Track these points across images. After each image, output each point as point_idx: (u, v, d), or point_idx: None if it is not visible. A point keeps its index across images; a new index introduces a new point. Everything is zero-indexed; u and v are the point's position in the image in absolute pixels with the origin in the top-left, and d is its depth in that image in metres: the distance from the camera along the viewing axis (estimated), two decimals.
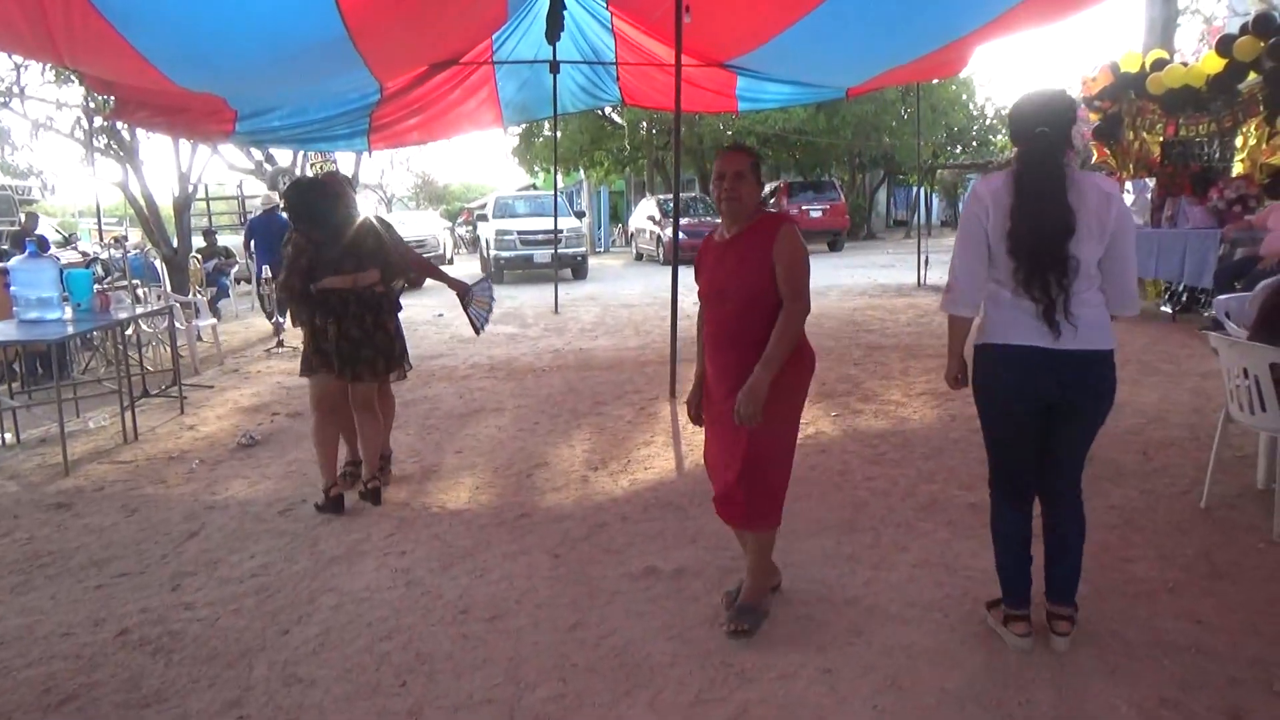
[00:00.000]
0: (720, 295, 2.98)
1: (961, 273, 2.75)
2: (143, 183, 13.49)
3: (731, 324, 2.95)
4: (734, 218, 2.97)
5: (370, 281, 4.44)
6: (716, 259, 3.03)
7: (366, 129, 8.51)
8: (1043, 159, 2.63)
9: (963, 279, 2.76)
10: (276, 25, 5.20)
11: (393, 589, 3.54)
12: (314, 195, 4.45)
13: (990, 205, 2.68)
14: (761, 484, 2.95)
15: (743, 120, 23.37)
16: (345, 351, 4.38)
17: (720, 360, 3.01)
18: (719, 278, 2.99)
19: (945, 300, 2.82)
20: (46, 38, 4.73)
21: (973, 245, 2.72)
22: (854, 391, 6.54)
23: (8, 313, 6.34)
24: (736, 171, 2.92)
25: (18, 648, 3.18)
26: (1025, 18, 6.16)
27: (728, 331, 2.96)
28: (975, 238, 2.71)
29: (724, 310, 2.96)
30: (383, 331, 4.52)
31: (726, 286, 2.95)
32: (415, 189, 45.03)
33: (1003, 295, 2.72)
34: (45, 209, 22.45)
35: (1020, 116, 2.71)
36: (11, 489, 5.12)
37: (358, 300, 4.41)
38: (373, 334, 4.46)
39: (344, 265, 4.35)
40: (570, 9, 7.90)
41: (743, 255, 2.93)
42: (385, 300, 4.57)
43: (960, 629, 3.00)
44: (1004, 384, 2.76)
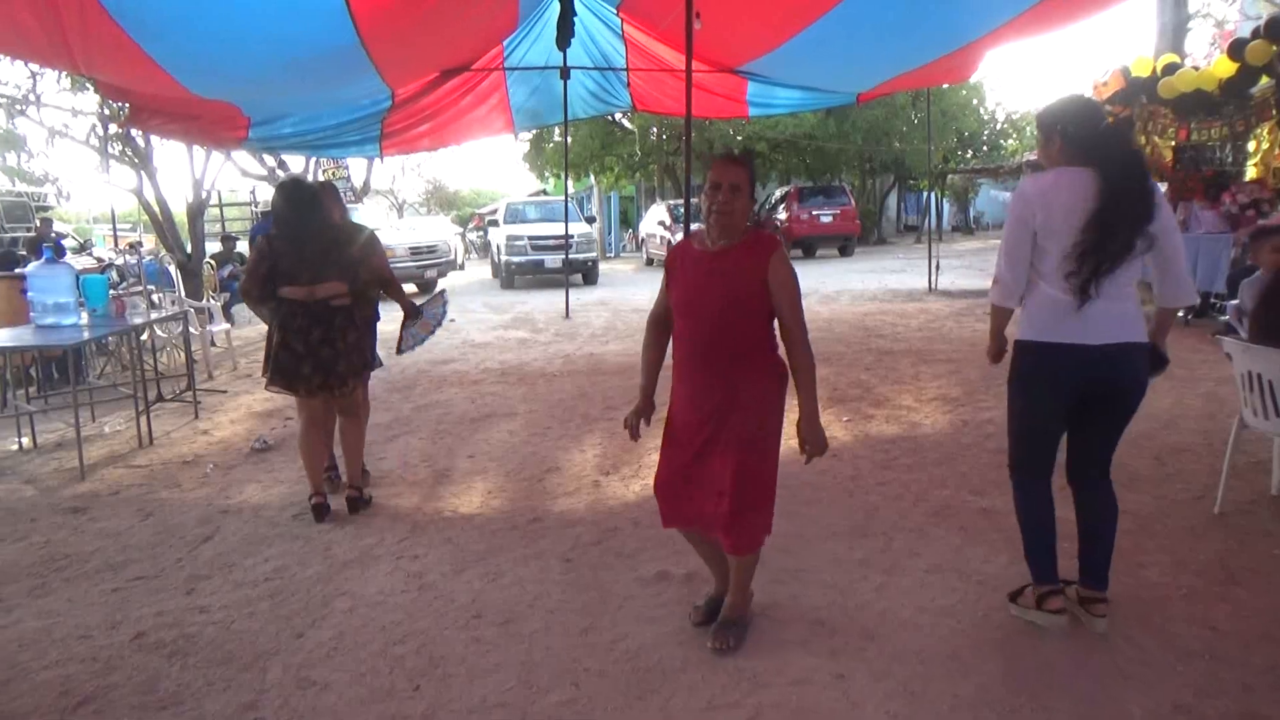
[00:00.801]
0: (702, 308, 2.83)
1: (1010, 268, 2.90)
2: (157, 189, 13.58)
3: (712, 338, 2.82)
4: (726, 232, 2.82)
5: (329, 294, 4.24)
6: (705, 271, 2.85)
7: (378, 135, 8.55)
8: (1122, 155, 2.81)
9: (1011, 274, 2.91)
10: (290, 32, 5.24)
11: (406, 593, 3.55)
12: (283, 198, 4.35)
13: (1039, 206, 2.81)
14: (754, 507, 2.88)
15: (753, 125, 23.37)
16: (284, 363, 4.25)
17: (697, 379, 2.88)
18: (703, 290, 2.83)
19: (995, 293, 2.98)
20: (62, 45, 4.78)
21: (1021, 243, 2.86)
22: (865, 396, 6.54)
23: (24, 318, 6.40)
24: (733, 184, 2.79)
25: (35, 650, 3.21)
26: (1036, 22, 6.15)
27: (706, 346, 2.84)
28: (1022, 236, 2.86)
29: (704, 324, 2.83)
30: (329, 347, 4.25)
31: (710, 303, 2.81)
32: (426, 195, 45.22)
33: (1047, 291, 2.85)
34: (61, 215, 22.63)
35: (1083, 120, 2.87)
36: (28, 493, 5.16)
37: (305, 313, 4.23)
38: (317, 348, 4.23)
39: (299, 276, 4.20)
40: (580, 15, 7.93)
41: (734, 271, 2.80)
42: (341, 314, 4.30)
43: (974, 634, 2.99)
44: (1049, 377, 2.90)
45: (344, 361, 4.30)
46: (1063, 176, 2.82)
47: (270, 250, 4.24)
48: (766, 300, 2.80)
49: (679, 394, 2.95)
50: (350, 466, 4.59)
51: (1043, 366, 2.89)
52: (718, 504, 2.85)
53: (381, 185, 32.22)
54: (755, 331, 2.83)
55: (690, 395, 2.90)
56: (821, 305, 12.51)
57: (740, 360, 2.82)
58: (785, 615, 3.20)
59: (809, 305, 12.34)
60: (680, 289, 2.91)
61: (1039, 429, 3.01)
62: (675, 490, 2.97)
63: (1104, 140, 2.83)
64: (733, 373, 2.81)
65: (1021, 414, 3.04)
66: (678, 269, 2.94)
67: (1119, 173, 2.75)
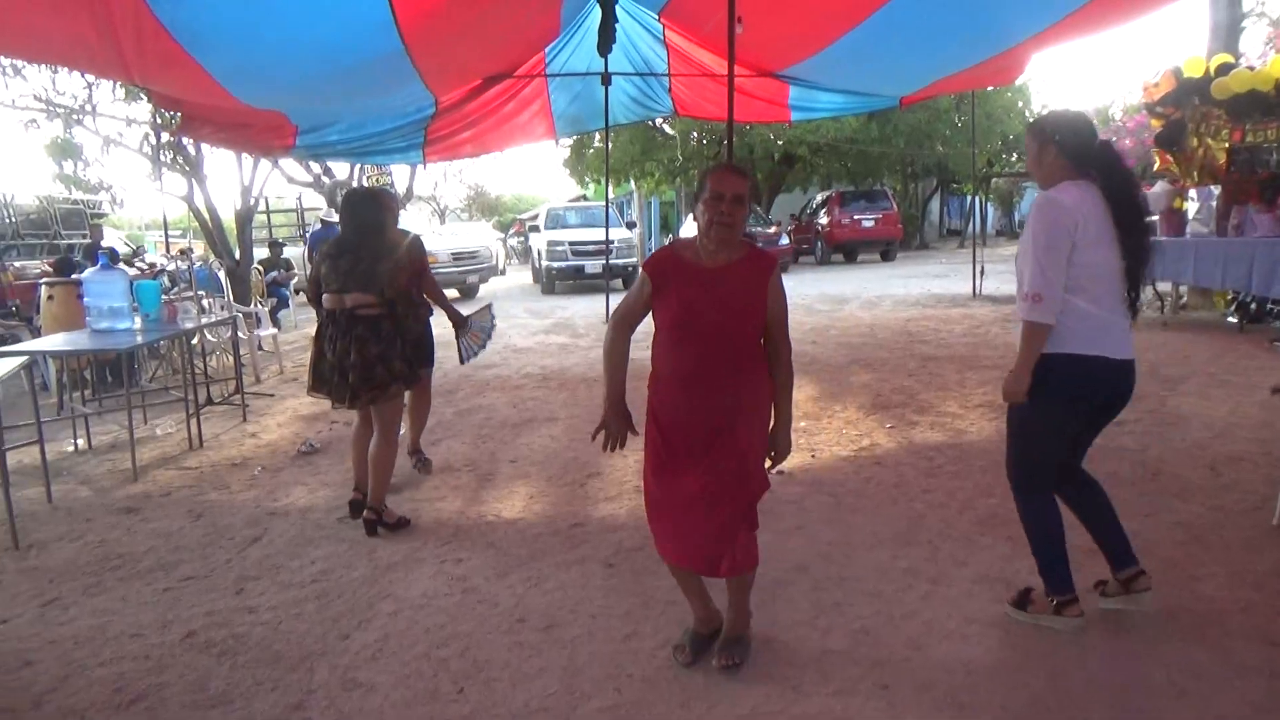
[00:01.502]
0: (707, 324, 2.73)
1: (1053, 283, 2.80)
2: (207, 196, 13.87)
3: (716, 354, 2.73)
4: (723, 244, 2.74)
5: (356, 304, 4.22)
6: (706, 287, 2.74)
7: (421, 142, 8.64)
8: (1121, 168, 2.88)
9: (1053, 289, 2.80)
10: (337, 42, 5.32)
11: (449, 596, 3.58)
12: (344, 207, 4.48)
13: (1080, 216, 2.79)
14: (751, 522, 2.87)
15: (794, 130, 23.24)
16: (320, 370, 4.34)
17: (691, 396, 2.77)
18: (704, 308, 2.73)
19: (1036, 310, 2.81)
20: (118, 56, 4.89)
21: (1061, 256, 2.80)
22: (909, 403, 6.46)
23: (80, 322, 6.56)
24: (737, 195, 2.70)
25: (90, 647, 3.28)
26: (1085, 23, 6.04)
27: (710, 362, 2.74)
28: (1063, 249, 2.79)
29: (708, 341, 2.73)
30: (347, 357, 4.21)
31: (712, 319, 2.72)
32: (468, 200, 45.60)
33: (1082, 305, 2.82)
34: (113, 222, 23.16)
35: (1080, 131, 2.91)
36: (84, 493, 5.29)
37: (334, 321, 4.28)
38: (341, 357, 4.23)
39: (330, 284, 4.27)
40: (622, 21, 7.95)
41: (737, 289, 2.74)
42: (363, 325, 4.23)
43: (1022, 646, 2.94)
44: (1088, 392, 2.91)
45: (356, 374, 4.19)
46: (1083, 189, 2.84)
47: (325, 255, 4.38)
48: (765, 316, 2.79)
49: (672, 412, 2.81)
50: (374, 485, 4.35)
51: (1083, 381, 2.88)
52: (715, 525, 2.75)
53: (424, 191, 32.51)
54: (755, 347, 2.82)
55: (690, 413, 2.78)
56: (863, 311, 12.40)
57: (742, 375, 2.77)
58: (829, 623, 3.18)
59: (851, 311, 12.31)
60: (678, 304, 2.77)
61: (1062, 443, 3.00)
62: (676, 516, 2.83)
63: (1100, 153, 2.90)
64: (736, 388, 2.76)
65: (1048, 430, 2.96)
66: (672, 282, 2.79)
67: (1120, 185, 2.85)
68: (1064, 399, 2.90)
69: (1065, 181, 2.87)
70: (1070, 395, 2.90)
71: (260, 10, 4.58)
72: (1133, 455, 4.92)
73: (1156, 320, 9.89)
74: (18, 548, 4.34)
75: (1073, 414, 2.94)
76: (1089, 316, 2.82)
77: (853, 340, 9.68)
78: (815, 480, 4.83)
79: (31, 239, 14.66)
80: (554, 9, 6.66)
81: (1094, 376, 2.86)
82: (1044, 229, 2.82)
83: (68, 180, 14.11)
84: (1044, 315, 2.81)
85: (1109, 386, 2.90)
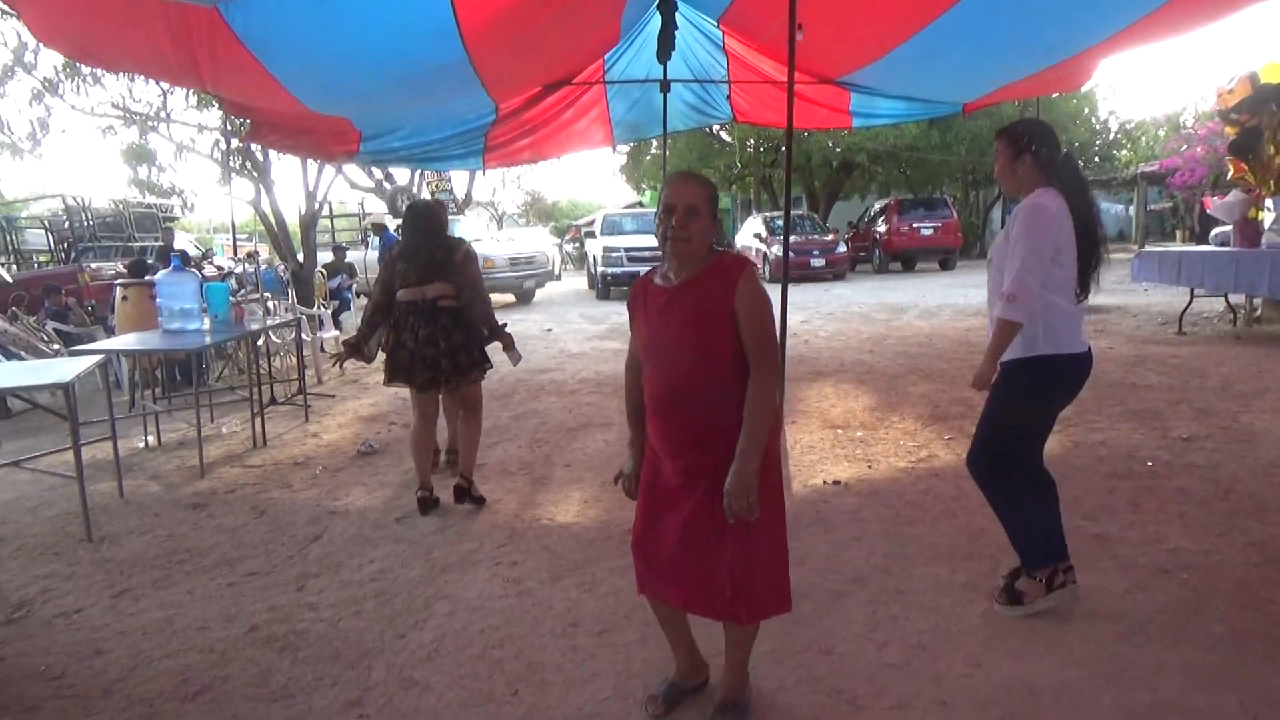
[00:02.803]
0: (665, 352, 2.48)
1: (1033, 284, 2.96)
2: (273, 201, 14.22)
3: (679, 385, 2.45)
4: (682, 261, 2.44)
5: (437, 294, 4.62)
6: (661, 309, 2.49)
7: (481, 148, 8.74)
8: (1082, 178, 3.10)
9: (1030, 290, 2.96)
10: (401, 50, 5.42)
11: (504, 598, 3.61)
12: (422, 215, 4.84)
13: (1063, 221, 2.99)
14: (759, 572, 2.47)
15: (852, 137, 23.08)
16: (399, 359, 4.66)
17: (666, 429, 2.51)
18: (664, 332, 2.48)
19: (1012, 309, 2.97)
20: (191, 65, 5.06)
21: (1045, 260, 2.96)
22: (968, 415, 6.34)
23: (153, 322, 6.77)
24: (688, 205, 2.39)
25: (158, 639, 3.38)
26: (1157, 28, 5.88)
27: (673, 394, 2.46)
28: (1048, 253, 2.96)
29: (670, 372, 2.47)
30: (433, 345, 4.60)
31: (673, 342, 2.46)
32: (525, 206, 46.04)
33: (1061, 305, 3.02)
34: (184, 225, 23.87)
35: (1051, 142, 3.09)
36: (153, 489, 5.46)
37: (415, 312, 4.63)
38: (423, 346, 4.60)
39: (409, 278, 4.63)
40: (681, 29, 7.96)
41: (695, 306, 2.42)
42: (446, 314, 4.65)
43: (1086, 665, 2.87)
44: (1069, 387, 3.14)
45: (447, 360, 4.63)
46: (1057, 197, 3.02)
47: (391, 261, 4.73)
48: (733, 331, 2.39)
49: (655, 447, 2.58)
50: (465, 458, 4.86)
51: (1074, 377, 3.11)
52: (705, 564, 2.49)
53: (482, 197, 32.94)
54: (730, 370, 2.40)
55: (666, 452, 2.53)
56: (922, 320, 12.23)
57: (714, 407, 2.41)
58: (885, 637, 3.13)
59: (909, 320, 12.14)
60: (642, 331, 2.56)
61: (1044, 435, 3.26)
62: (658, 550, 2.58)
63: (1066, 163, 3.09)
64: (709, 423, 2.42)
65: (1040, 423, 3.20)
66: (638, 309, 2.58)
67: (1081, 194, 3.07)
68: (1060, 395, 3.15)
69: (1040, 189, 3.04)
70: (1065, 391, 3.15)
71: (328, 19, 4.68)
72: (1203, 472, 4.77)
73: (1229, 334, 9.58)
74: (91, 540, 4.50)
75: (1055, 409, 3.20)
76: (1070, 316, 3.04)
77: (911, 350, 9.55)
78: (872, 491, 4.77)
79: (107, 241, 15.18)
80: (615, 17, 6.70)
81: (1080, 371, 3.11)
82: (1033, 233, 2.96)
83: (142, 185, 14.60)
84: (1019, 314, 2.97)
85: (1084, 377, 3.14)
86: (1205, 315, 10.77)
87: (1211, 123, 15.56)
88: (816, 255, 20.68)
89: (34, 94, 12.33)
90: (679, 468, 2.50)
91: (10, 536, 4.65)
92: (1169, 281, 10.13)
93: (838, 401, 6.99)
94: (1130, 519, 4.16)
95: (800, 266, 19.68)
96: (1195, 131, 19.03)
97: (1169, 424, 5.78)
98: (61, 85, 12.24)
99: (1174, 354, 8.36)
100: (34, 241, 16.69)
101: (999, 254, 3.10)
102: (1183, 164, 17.91)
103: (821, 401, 7.04)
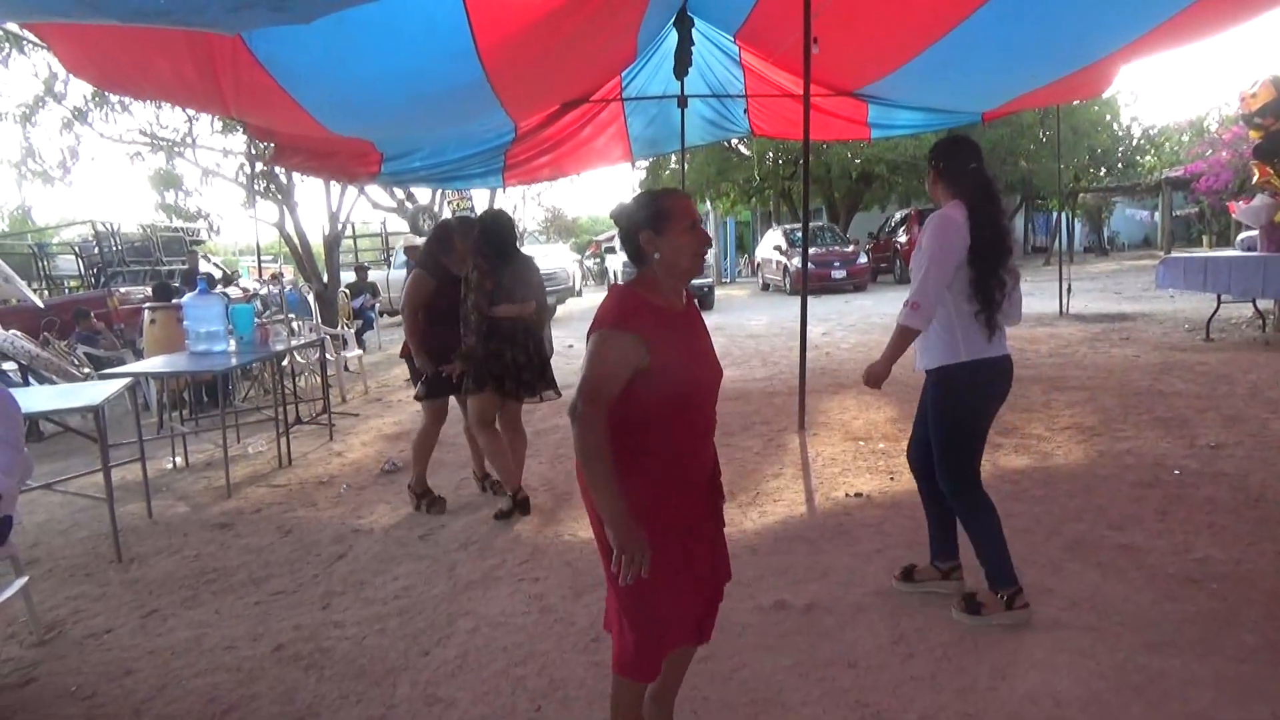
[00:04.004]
0: (710, 382, 2.33)
1: (933, 294, 3.11)
2: (297, 222, 14.40)
3: (713, 419, 2.38)
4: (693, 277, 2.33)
5: (529, 312, 4.80)
6: (695, 335, 2.32)
7: (501, 166, 8.82)
8: (992, 192, 3.19)
9: (932, 299, 3.11)
10: (421, 72, 5.49)
11: (527, 615, 3.62)
12: (506, 229, 4.88)
13: (968, 232, 3.10)
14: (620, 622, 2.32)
15: (871, 148, 23.01)
16: (514, 373, 4.77)
17: (700, 476, 2.36)
18: (704, 360, 2.32)
19: (914, 317, 3.13)
20: (216, 92, 5.16)
21: (947, 270, 3.09)
22: (993, 425, 6.29)
23: (181, 344, 6.87)
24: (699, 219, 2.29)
25: (187, 658, 3.42)
26: (1177, 34, 5.85)
27: (709, 431, 2.38)
28: (951, 264, 3.09)
29: (709, 405, 2.34)
30: (539, 356, 4.91)
31: (713, 371, 2.34)
32: (545, 223, 46.26)
33: (971, 313, 3.12)
34: (209, 248, 24.18)
35: (963, 153, 3.24)
36: (182, 509, 5.52)
37: (524, 328, 4.80)
38: (532, 358, 4.86)
39: (516, 294, 4.73)
40: (698, 44, 8.00)
41: (704, 332, 2.38)
42: (536, 329, 4.91)
43: (1114, 677, 2.84)
44: (998, 390, 3.26)
45: (532, 372, 4.85)
46: (963, 208, 3.14)
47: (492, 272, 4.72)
48: None
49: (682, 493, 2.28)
50: (519, 471, 5.01)
51: (1001, 379, 3.24)
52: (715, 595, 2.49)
53: None
54: None
55: (698, 498, 2.35)
56: None
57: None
58: (910, 650, 3.11)
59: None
60: (680, 361, 2.21)
61: (984, 437, 3.32)
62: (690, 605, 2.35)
63: (977, 180, 3.18)
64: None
65: (979, 428, 3.29)
66: (661, 334, 2.17)
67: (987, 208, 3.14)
68: (992, 397, 3.25)
69: (951, 201, 3.19)
70: (995, 394, 3.25)
71: (349, 45, 4.76)
72: (1232, 480, 4.71)
73: (1258, 340, 9.45)
74: (121, 561, 4.56)
75: (991, 411, 3.29)
76: (978, 324, 3.13)
77: None
78: (895, 503, 4.74)
79: (136, 265, 15.41)
80: (632, 34, 6.75)
81: (1005, 373, 3.24)
82: (937, 244, 3.10)
83: (169, 209, 14.82)
84: (917, 322, 3.14)
85: (1008, 380, 3.27)
86: (1233, 321, 10.64)
87: (1236, 127, 15.40)
88: (837, 266, 20.65)
89: (64, 123, 12.60)
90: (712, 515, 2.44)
91: (43, 558, 4.73)
92: (1195, 288, 10.02)
93: (859, 413, 6.96)
94: (1158, 528, 4.11)
95: (821, 278, 19.64)
96: (1219, 136, 18.83)
97: (1197, 432, 5.71)
98: (91, 113, 12.50)
99: (1201, 361, 8.26)
100: (65, 267, 16.99)
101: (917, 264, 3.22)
102: (1207, 169, 17.72)
103: (843, 413, 7.01)
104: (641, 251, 2.26)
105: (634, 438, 2.17)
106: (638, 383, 2.14)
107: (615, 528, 2.10)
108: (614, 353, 2.13)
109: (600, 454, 2.11)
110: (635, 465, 2.17)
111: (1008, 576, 3.25)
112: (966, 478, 3.27)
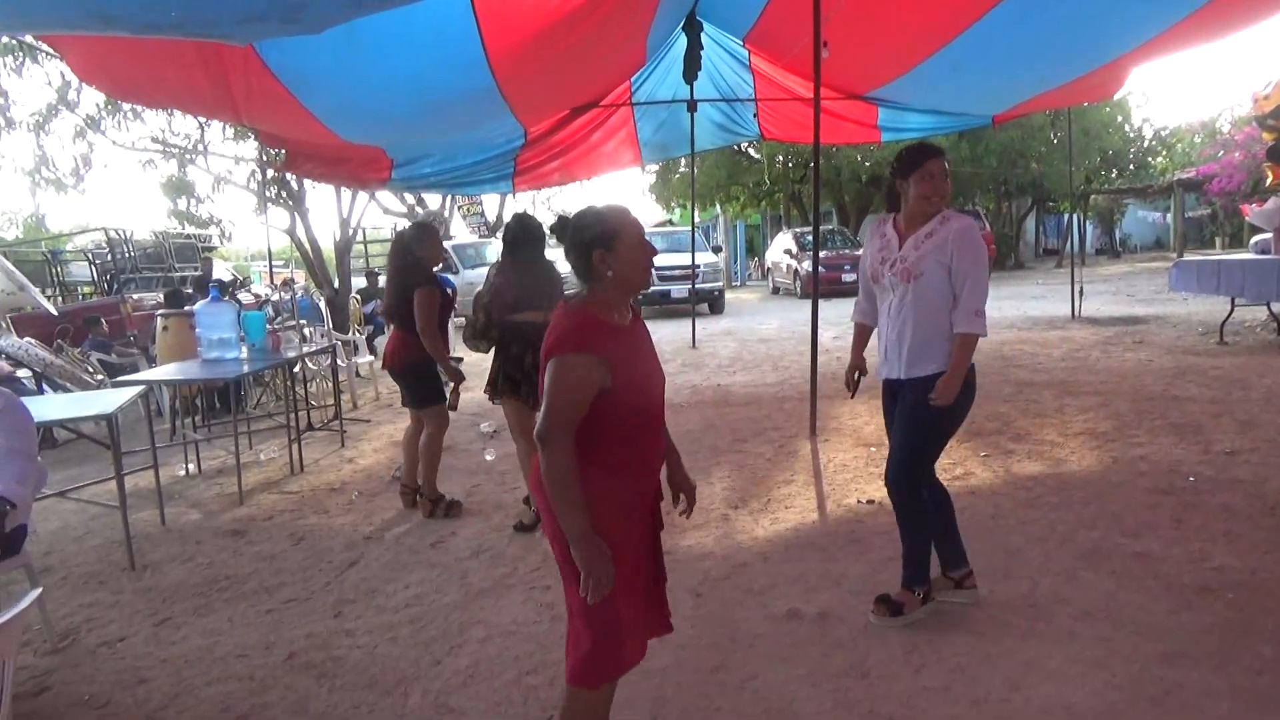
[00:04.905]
0: (659, 396, 2.39)
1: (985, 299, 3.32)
2: (308, 228, 14.45)
3: (664, 425, 2.46)
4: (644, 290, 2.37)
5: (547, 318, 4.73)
6: (641, 354, 2.32)
7: (511, 172, 8.85)
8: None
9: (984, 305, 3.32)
10: (431, 80, 5.52)
11: (538, 623, 3.62)
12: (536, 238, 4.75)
13: None
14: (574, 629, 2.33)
15: (881, 151, 22.95)
16: (531, 377, 4.68)
17: (653, 483, 2.46)
18: (655, 375, 2.37)
19: (982, 323, 3.31)
20: (227, 100, 5.19)
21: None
22: (1004, 430, 6.27)
23: (193, 351, 6.90)
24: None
25: (200, 666, 3.42)
26: (1188, 35, 5.83)
27: (659, 448, 2.47)
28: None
29: (660, 416, 2.40)
30: (535, 359, 4.77)
31: (661, 383, 2.40)
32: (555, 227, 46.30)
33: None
34: (221, 254, 24.31)
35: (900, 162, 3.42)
36: (194, 516, 5.54)
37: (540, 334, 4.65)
38: (530, 362, 4.72)
39: (540, 301, 4.59)
40: (707, 48, 8.02)
41: (651, 342, 2.41)
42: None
43: (1129, 688, 2.81)
44: (973, 395, 3.38)
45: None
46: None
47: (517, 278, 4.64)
48: None
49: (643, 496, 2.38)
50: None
51: (971, 384, 3.34)
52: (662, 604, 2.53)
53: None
54: None
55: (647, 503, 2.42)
56: None
57: None
58: (923, 660, 3.09)
59: None
60: (639, 375, 2.25)
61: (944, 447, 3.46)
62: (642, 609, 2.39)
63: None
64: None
65: (951, 430, 3.40)
66: (620, 352, 2.20)
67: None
68: (970, 400, 3.35)
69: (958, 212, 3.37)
70: (972, 398, 3.37)
71: (359, 53, 4.78)
72: (1248, 487, 4.67)
73: (1272, 344, 9.38)
74: (134, 568, 4.58)
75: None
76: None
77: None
78: None
79: (149, 272, 15.50)
80: (640, 39, 6.76)
81: (974, 378, 3.34)
82: (982, 252, 3.25)
83: (181, 216, 14.88)
84: (985, 328, 3.29)
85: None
86: (1247, 325, 10.55)
87: (1249, 128, 15.31)
88: (848, 270, 20.59)
89: (77, 130, 12.67)
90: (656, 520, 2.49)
91: (56, 566, 4.75)
92: (1208, 291, 9.95)
93: (870, 419, 6.93)
94: (1173, 536, 4.08)
95: (832, 281, 19.58)
96: (1232, 137, 18.73)
97: (1211, 437, 5.67)
98: (103, 121, 12.56)
99: (1215, 365, 8.20)
100: (78, 274, 17.10)
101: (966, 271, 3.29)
102: (1220, 170, 17.62)
103: (854, 419, 6.99)
104: (594, 270, 2.24)
105: (595, 452, 2.19)
106: (599, 402, 2.16)
107: (581, 548, 2.13)
108: (577, 377, 2.14)
109: (570, 479, 2.12)
110: (594, 476, 2.18)
111: (923, 576, 3.39)
112: (919, 478, 3.35)
